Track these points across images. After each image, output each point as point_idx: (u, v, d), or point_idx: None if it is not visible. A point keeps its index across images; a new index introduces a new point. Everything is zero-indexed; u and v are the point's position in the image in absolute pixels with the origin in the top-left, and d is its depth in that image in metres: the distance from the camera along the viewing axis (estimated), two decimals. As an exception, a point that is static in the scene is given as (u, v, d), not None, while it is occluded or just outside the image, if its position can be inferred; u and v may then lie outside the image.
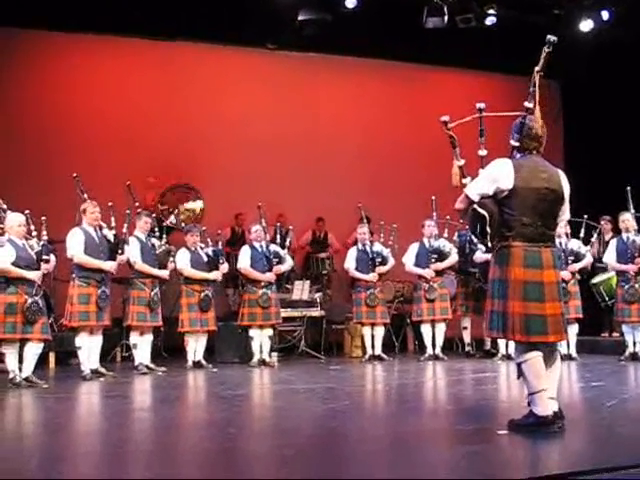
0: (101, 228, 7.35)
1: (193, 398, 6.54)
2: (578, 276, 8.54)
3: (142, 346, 7.85)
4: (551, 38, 3.99)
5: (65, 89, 10.65)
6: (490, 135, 4.17)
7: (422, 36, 10.55)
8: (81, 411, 5.69)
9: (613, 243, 8.33)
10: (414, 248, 9.06)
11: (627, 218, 8.17)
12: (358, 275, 9.01)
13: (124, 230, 7.57)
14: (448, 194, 4.36)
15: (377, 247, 9.09)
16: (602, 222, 9.65)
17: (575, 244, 8.48)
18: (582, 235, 8.72)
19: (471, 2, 10.48)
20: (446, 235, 9.31)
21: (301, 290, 9.61)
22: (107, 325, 7.48)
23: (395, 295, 10.48)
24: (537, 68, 4.02)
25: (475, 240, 8.48)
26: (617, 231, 8.66)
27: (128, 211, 7.73)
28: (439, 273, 8.96)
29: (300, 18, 10.25)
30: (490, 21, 10.69)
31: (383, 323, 9.08)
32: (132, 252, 7.68)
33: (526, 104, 4.01)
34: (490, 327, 4.00)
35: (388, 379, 7.59)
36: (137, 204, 7.94)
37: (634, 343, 8.10)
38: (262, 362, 8.40)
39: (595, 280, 9.23)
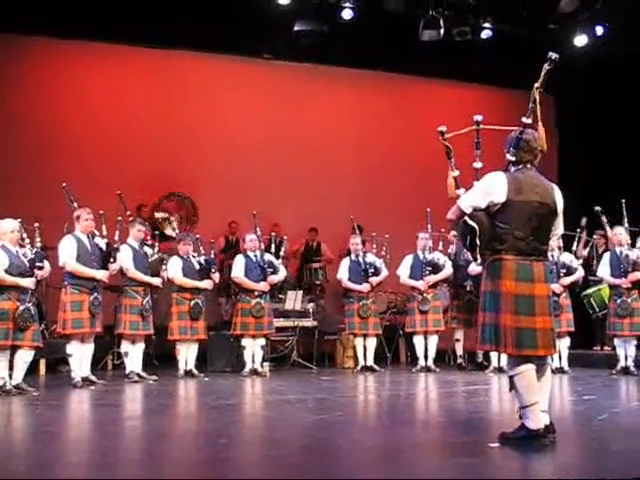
0: (94, 236, 7.34)
1: (184, 407, 6.51)
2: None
3: (133, 354, 7.83)
4: (553, 55, 3.98)
5: (60, 95, 10.65)
6: (485, 148, 4.19)
7: (418, 48, 10.61)
8: (71, 419, 5.65)
9: (606, 257, 8.36)
10: (408, 260, 9.07)
11: (620, 232, 8.19)
12: (351, 286, 9.01)
13: (116, 238, 7.55)
14: (442, 206, 4.37)
15: (370, 258, 9.09)
16: (595, 236, 9.69)
17: (567, 258, 8.50)
18: (574, 249, 8.75)
19: (467, 15, 10.54)
20: (440, 248, 9.33)
21: (294, 300, 9.60)
22: (99, 332, 7.46)
23: (388, 306, 10.48)
24: (537, 84, 4.02)
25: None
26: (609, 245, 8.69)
27: (119, 219, 7.71)
28: (433, 285, 8.97)
29: (296, 28, 10.30)
30: (486, 34, 10.76)
31: (375, 334, 9.08)
32: (125, 260, 7.66)
33: (524, 119, 4.01)
34: (482, 340, 4.00)
35: (380, 390, 7.57)
36: (128, 213, 7.93)
37: (626, 357, 8.12)
38: (254, 372, 8.38)
39: (586, 291, 9.26)
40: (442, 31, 10.18)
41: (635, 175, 10.39)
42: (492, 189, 3.91)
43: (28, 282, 6.56)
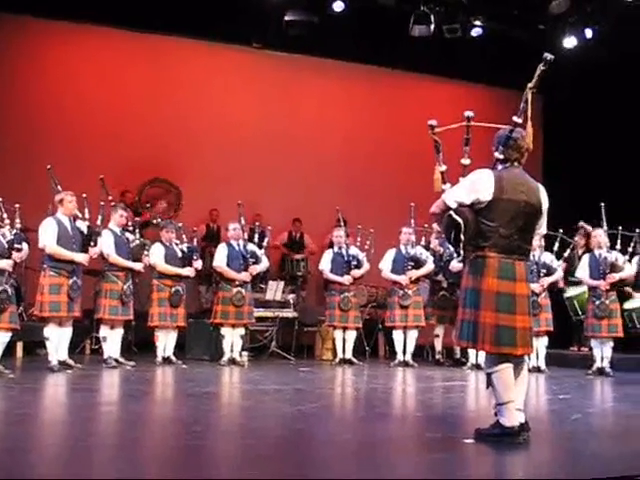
0: (75, 219, 7.29)
1: (161, 394, 6.50)
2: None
3: (112, 339, 7.79)
4: (548, 56, 3.96)
5: (47, 78, 10.55)
6: (473, 145, 4.19)
7: (408, 43, 10.60)
8: (46, 402, 5.62)
9: (586, 259, 8.42)
10: (390, 254, 9.08)
11: (599, 234, 8.26)
12: (332, 277, 9.02)
13: (98, 222, 7.51)
14: (427, 201, 4.37)
15: (353, 250, 9.10)
16: (576, 237, 9.75)
17: (548, 257, 8.55)
18: (556, 249, 8.81)
19: (458, 12, 10.54)
20: (423, 243, 9.36)
21: (275, 291, 9.60)
22: (77, 316, 7.42)
23: (368, 300, 10.50)
24: (530, 85, 4.01)
25: (452, 249, 8.55)
26: (589, 247, 8.75)
27: (102, 203, 7.67)
28: (414, 280, 8.99)
29: (287, 18, 10.26)
30: (476, 32, 10.79)
31: (355, 327, 9.09)
32: (106, 244, 7.62)
33: (515, 119, 4.01)
34: (460, 336, 4.01)
35: (357, 383, 7.60)
36: (110, 197, 7.89)
37: (602, 358, 8.18)
38: (232, 361, 8.38)
39: (569, 294, 9.32)
40: (432, 27, 10.19)
41: (617, 178, 10.48)
42: (479, 187, 3.90)
43: (4, 264, 6.51)
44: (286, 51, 11.61)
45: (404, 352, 9.00)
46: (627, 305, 8.59)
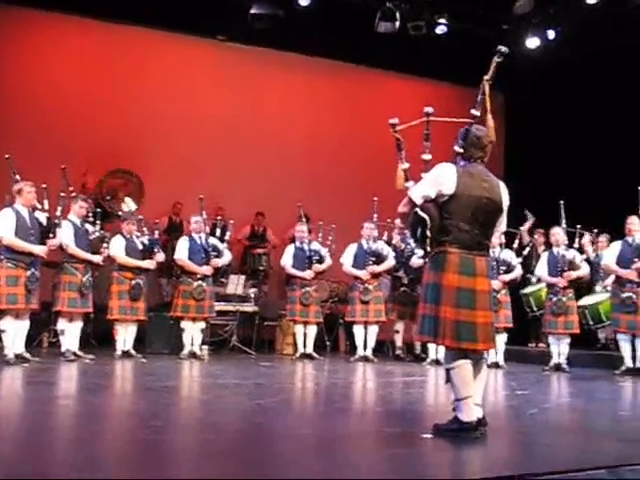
0: (34, 210, 7.17)
1: (120, 388, 6.43)
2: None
3: (70, 332, 7.70)
4: (502, 48, 4.04)
5: (5, 65, 10.33)
6: (435, 141, 4.20)
7: (373, 39, 10.63)
8: (1, 396, 5.52)
9: (544, 256, 8.54)
10: (352, 249, 9.11)
11: (558, 232, 8.39)
12: (294, 272, 9.02)
13: (57, 213, 7.40)
14: (390, 197, 4.39)
15: (315, 246, 9.12)
16: (535, 235, 9.90)
17: (508, 255, 8.66)
18: (516, 246, 8.92)
19: (423, 10, 10.61)
20: (385, 238, 9.40)
21: (236, 285, 9.58)
22: (35, 309, 7.30)
23: (330, 295, 10.53)
24: (486, 77, 4.06)
25: (414, 245, 8.60)
26: (549, 244, 8.89)
27: (62, 194, 7.55)
28: (375, 276, 9.03)
29: (252, 12, 10.21)
30: (441, 30, 10.87)
31: (316, 322, 9.11)
32: (65, 236, 7.51)
33: (473, 112, 4.05)
34: (421, 331, 4.03)
35: (317, 378, 7.61)
36: (71, 188, 7.77)
37: (559, 354, 8.32)
38: (192, 355, 8.34)
39: (525, 290, 9.45)
40: (398, 24, 10.23)
41: (577, 178, 10.64)
42: (441, 180, 3.92)
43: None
44: (251, 44, 11.56)
45: (364, 347, 9.04)
46: (581, 302, 8.75)
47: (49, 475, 2.95)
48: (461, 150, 4.05)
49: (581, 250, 8.85)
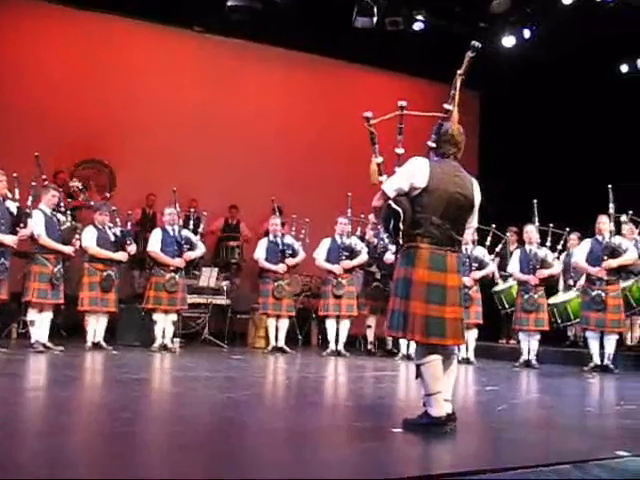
0: (4, 199, 7.07)
1: (89, 380, 6.38)
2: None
3: (40, 323, 7.61)
4: (475, 44, 4.06)
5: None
6: (409, 136, 4.21)
7: (350, 34, 10.62)
8: (-31, 386, 5.46)
9: (517, 254, 8.61)
10: (326, 243, 9.13)
11: (531, 230, 8.46)
12: (267, 265, 9.01)
13: (28, 203, 7.31)
14: (365, 192, 4.39)
15: (288, 239, 9.12)
16: (508, 233, 9.98)
17: (480, 252, 8.72)
18: (488, 244, 8.99)
19: (401, 6, 10.62)
20: (358, 233, 9.42)
21: (208, 277, 9.54)
22: (4, 299, 7.21)
23: (302, 289, 10.54)
24: (459, 71, 4.08)
25: (387, 240, 8.64)
26: (522, 242, 8.98)
27: (34, 183, 7.46)
28: (348, 270, 9.05)
29: (229, 3, 10.14)
30: (418, 26, 10.89)
31: (288, 315, 9.12)
32: (36, 226, 7.42)
33: (445, 106, 4.06)
34: (390, 325, 4.04)
35: (289, 372, 7.61)
36: (44, 177, 7.68)
37: (528, 351, 8.40)
38: (164, 347, 8.30)
39: (497, 288, 9.53)
40: (375, 19, 10.23)
41: (550, 176, 10.75)
42: (415, 172, 3.92)
43: None
44: (228, 36, 11.50)
45: (336, 341, 9.07)
46: (551, 300, 8.85)
47: (18, 468, 2.92)
48: (434, 145, 4.07)
49: (563, 249, 8.95)
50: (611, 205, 7.98)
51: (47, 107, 10.30)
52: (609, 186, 7.96)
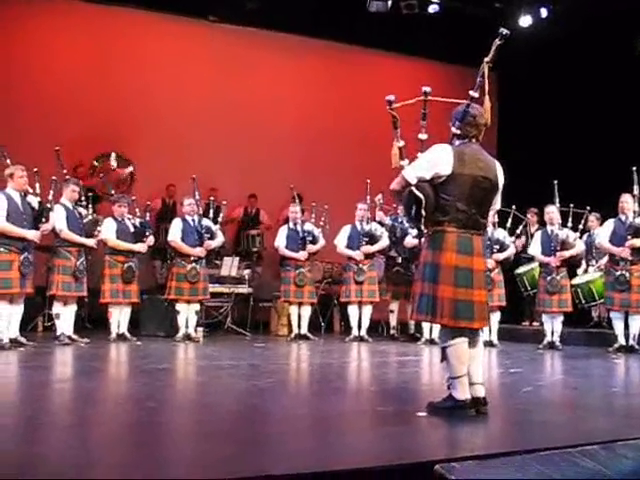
0: (26, 194, 7.13)
1: (114, 371, 6.44)
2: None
3: (65, 316, 7.68)
4: (504, 31, 4.00)
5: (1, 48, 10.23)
6: (431, 120, 4.19)
7: (365, 19, 10.56)
8: (-3, 380, 5.52)
9: (538, 235, 8.56)
10: (346, 230, 9.12)
11: (552, 211, 8.40)
12: (288, 253, 9.02)
13: (50, 197, 7.36)
14: (383, 178, 4.37)
15: (308, 226, 9.12)
16: (528, 214, 9.91)
17: (501, 234, 8.66)
18: (509, 225, 8.94)
19: (415, -11, 10.54)
20: (378, 219, 9.39)
21: (230, 266, 9.57)
22: (30, 293, 7.28)
23: (324, 275, 10.53)
24: (487, 59, 4.03)
25: (407, 224, 8.61)
26: (542, 223, 8.91)
27: (54, 178, 7.52)
28: (369, 256, 9.04)
29: (243, -8, 10.13)
30: (433, 9, 10.80)
31: (310, 303, 9.13)
32: (58, 220, 7.48)
33: (471, 93, 4.02)
34: (419, 310, 4.03)
35: (312, 359, 7.63)
36: (65, 171, 7.73)
37: (552, 332, 8.36)
38: (187, 337, 8.35)
39: (519, 270, 9.47)
40: (390, 3, 10.16)
41: (570, 156, 10.63)
42: (438, 161, 3.91)
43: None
44: (242, 25, 11.48)
45: (359, 327, 9.07)
46: (574, 281, 8.78)
47: (45, 459, 2.95)
48: (458, 131, 4.04)
49: (584, 229, 8.88)
50: (636, 187, 7.89)
51: (66, 101, 10.35)
52: (634, 168, 7.87)
